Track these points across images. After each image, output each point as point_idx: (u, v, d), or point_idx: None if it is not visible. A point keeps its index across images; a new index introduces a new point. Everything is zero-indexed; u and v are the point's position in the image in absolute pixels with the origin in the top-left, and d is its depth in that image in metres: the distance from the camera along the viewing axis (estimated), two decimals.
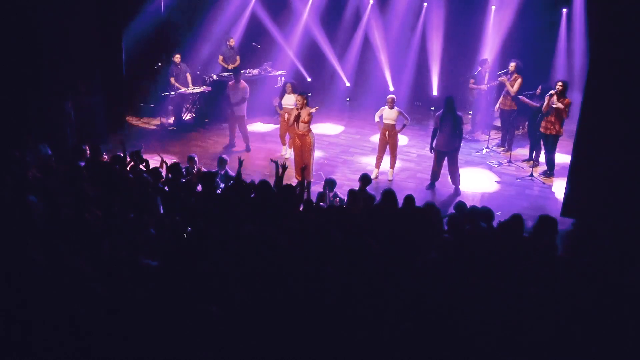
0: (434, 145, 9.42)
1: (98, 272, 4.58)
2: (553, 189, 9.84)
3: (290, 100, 10.54)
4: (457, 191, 9.50)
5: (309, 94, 10.48)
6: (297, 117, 9.47)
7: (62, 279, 4.36)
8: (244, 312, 4.14)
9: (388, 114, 9.86)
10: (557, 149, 10.12)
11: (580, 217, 8.19)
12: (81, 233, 5.21)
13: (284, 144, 11.07)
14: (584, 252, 5.85)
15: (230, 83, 11.37)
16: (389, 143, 10.00)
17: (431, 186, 9.61)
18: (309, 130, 9.55)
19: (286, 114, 10.36)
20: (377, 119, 10.07)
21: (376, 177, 10.04)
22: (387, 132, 9.94)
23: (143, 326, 3.90)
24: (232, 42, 13.43)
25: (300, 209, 6.83)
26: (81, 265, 4.54)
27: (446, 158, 9.43)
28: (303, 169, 8.12)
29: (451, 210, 7.17)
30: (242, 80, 11.31)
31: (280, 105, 10.96)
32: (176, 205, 6.65)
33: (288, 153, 10.87)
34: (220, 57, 13.46)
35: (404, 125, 10.11)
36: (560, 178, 9.79)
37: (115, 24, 11.36)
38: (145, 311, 4.02)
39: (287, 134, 10.71)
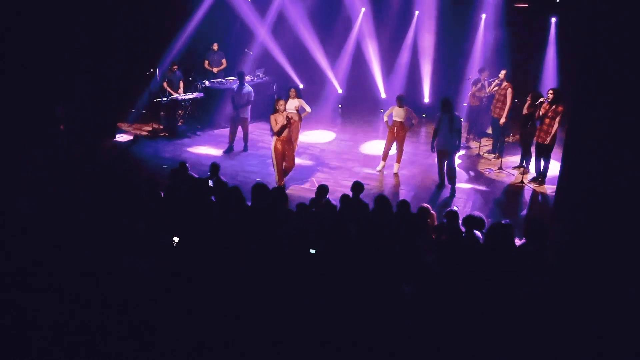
0: (434, 145, 9.69)
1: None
2: (544, 196, 9.91)
3: (293, 105, 10.83)
4: (452, 191, 9.60)
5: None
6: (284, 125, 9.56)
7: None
8: (238, 316, 4.13)
9: (397, 112, 10.31)
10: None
11: (570, 223, 8.24)
12: (75, 236, 5.19)
13: None
14: (574, 257, 5.89)
15: (235, 87, 11.64)
16: (397, 139, 10.39)
17: (441, 186, 9.92)
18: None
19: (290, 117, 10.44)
20: (385, 118, 10.49)
21: (381, 169, 10.56)
22: (395, 129, 10.32)
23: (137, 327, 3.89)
24: (216, 46, 13.80)
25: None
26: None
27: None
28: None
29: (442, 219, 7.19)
30: (246, 84, 11.59)
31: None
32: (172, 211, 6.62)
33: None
34: (206, 62, 13.74)
35: (412, 124, 10.48)
36: (551, 185, 9.87)
37: (108, 29, 11.33)
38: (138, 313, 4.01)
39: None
